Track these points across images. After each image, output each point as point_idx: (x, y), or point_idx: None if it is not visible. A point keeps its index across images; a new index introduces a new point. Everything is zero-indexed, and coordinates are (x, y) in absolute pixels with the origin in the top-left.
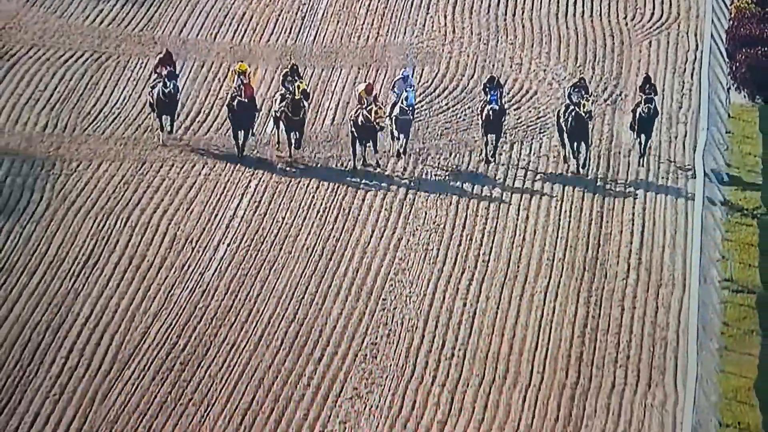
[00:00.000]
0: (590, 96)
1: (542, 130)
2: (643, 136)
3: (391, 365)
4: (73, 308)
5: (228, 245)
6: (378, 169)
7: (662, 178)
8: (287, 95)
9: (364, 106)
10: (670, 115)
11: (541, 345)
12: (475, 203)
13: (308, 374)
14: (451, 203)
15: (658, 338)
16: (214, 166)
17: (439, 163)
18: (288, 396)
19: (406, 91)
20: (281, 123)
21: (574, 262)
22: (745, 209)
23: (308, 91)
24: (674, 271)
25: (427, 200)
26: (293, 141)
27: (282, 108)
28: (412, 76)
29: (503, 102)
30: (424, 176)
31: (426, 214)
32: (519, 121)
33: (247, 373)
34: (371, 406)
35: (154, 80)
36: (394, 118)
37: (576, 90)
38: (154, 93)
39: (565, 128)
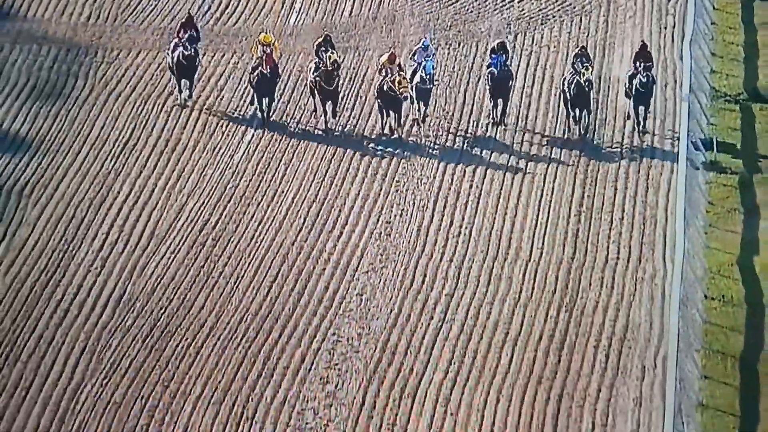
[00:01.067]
0: (591, 65)
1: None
2: (641, 108)
3: (403, 242)
4: (114, 187)
5: (255, 130)
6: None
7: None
8: (320, 65)
9: (388, 77)
10: (660, 7)
11: (540, 223)
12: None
13: (328, 250)
14: (461, 100)
15: (648, 216)
16: (242, 55)
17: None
18: (310, 270)
19: (425, 59)
20: (316, 92)
21: (572, 148)
22: (728, 96)
23: (339, 61)
24: (664, 155)
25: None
26: (329, 110)
27: (316, 77)
28: (432, 45)
29: (509, 66)
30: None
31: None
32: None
33: (273, 248)
34: (385, 280)
35: (174, 43)
36: (414, 86)
37: (578, 59)
38: (174, 56)
39: (568, 96)
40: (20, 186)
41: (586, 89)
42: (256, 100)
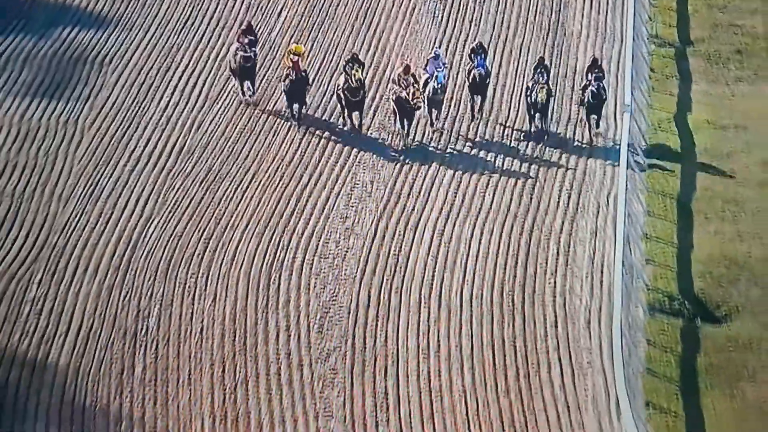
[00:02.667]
0: (549, 75)
1: None
2: (594, 117)
3: None
4: (176, 58)
5: None
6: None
7: None
8: (348, 81)
9: (403, 87)
10: None
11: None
12: None
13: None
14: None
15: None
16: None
17: None
18: (332, 129)
19: (437, 70)
20: (342, 102)
21: (542, 23)
22: None
23: (364, 81)
24: (614, 29)
25: None
26: (354, 120)
27: (343, 89)
28: (444, 56)
29: (487, 66)
30: None
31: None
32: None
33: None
34: (392, 137)
35: (236, 48)
36: (427, 98)
37: (537, 69)
38: (236, 59)
39: (528, 103)
40: (101, 56)
41: (543, 102)
42: (286, 104)
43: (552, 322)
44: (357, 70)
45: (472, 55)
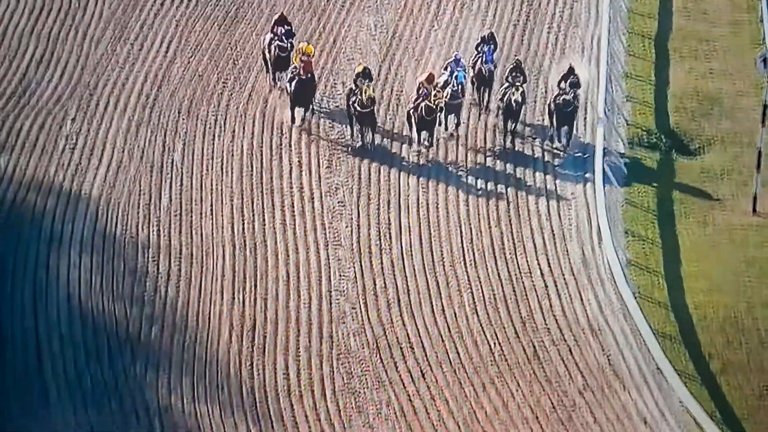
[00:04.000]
0: (524, 79)
1: None
2: (565, 128)
3: None
4: None
5: None
6: None
7: None
8: (357, 94)
9: (427, 98)
10: None
11: None
12: None
13: None
14: None
15: None
16: None
17: None
18: None
19: (456, 70)
20: (353, 116)
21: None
22: None
23: (374, 97)
24: None
25: None
26: (365, 133)
27: (352, 103)
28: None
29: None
30: None
31: None
32: None
33: None
34: None
35: (270, 38)
36: (445, 102)
37: (512, 73)
38: (271, 49)
39: (501, 108)
40: None
41: (515, 107)
42: (290, 107)
43: (540, 157)
44: (368, 86)
45: (482, 45)
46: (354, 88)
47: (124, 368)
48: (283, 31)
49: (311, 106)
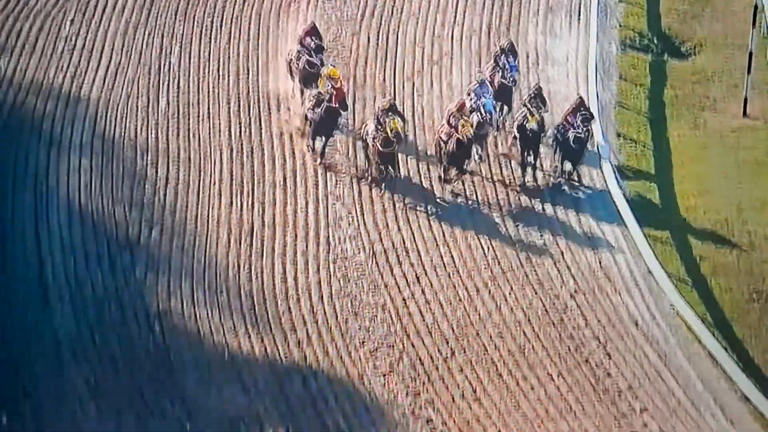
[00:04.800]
0: (545, 107)
1: None
2: (569, 164)
3: None
4: None
5: None
6: None
7: None
8: (380, 129)
9: (457, 130)
10: None
11: None
12: None
13: None
14: None
15: None
16: None
17: None
18: None
19: (484, 96)
20: (369, 152)
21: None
22: None
23: (401, 133)
24: None
25: None
26: (384, 170)
27: (374, 139)
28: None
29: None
30: None
31: None
32: None
33: None
34: None
35: (298, 51)
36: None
37: (532, 100)
38: (299, 63)
39: (518, 137)
40: None
41: (532, 135)
42: (311, 135)
43: (534, 60)
44: (396, 121)
45: (502, 57)
46: (377, 124)
47: (124, 272)
48: (314, 45)
49: (332, 135)
